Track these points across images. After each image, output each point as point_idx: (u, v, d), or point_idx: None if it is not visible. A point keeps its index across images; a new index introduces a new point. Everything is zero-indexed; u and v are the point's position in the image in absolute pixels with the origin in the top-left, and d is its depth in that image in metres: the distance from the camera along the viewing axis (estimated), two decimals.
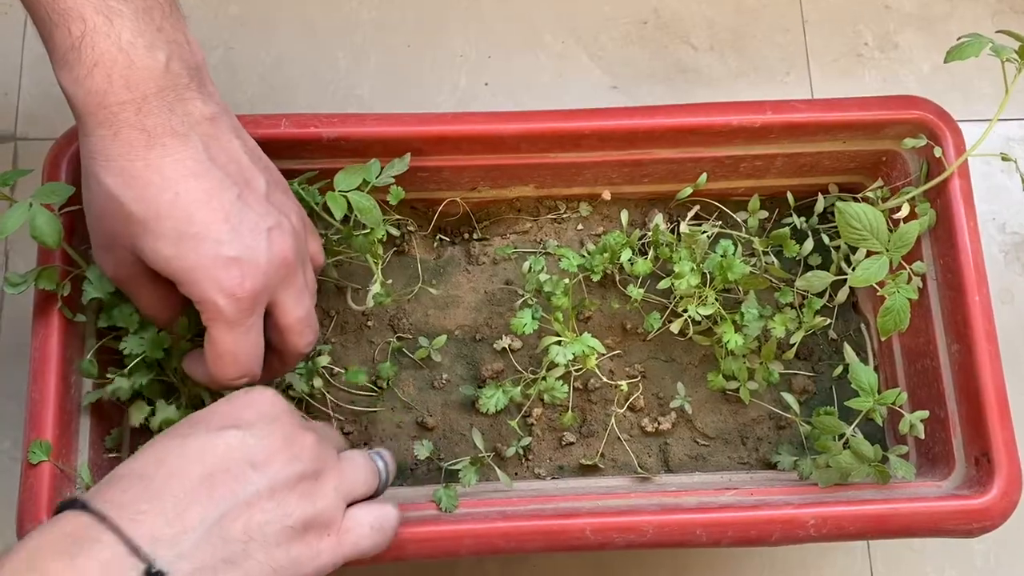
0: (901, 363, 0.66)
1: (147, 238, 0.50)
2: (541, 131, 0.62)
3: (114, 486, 0.45)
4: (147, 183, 0.49)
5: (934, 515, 0.57)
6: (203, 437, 0.47)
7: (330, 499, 0.49)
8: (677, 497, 0.60)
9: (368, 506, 0.52)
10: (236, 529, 0.45)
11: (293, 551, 0.47)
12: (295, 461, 0.48)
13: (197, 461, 0.46)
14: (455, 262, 0.69)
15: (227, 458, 0.46)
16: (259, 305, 0.52)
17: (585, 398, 0.67)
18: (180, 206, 0.50)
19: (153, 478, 0.45)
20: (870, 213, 0.55)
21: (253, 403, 0.50)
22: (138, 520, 0.43)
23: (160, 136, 0.49)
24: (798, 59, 0.86)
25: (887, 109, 0.63)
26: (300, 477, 0.48)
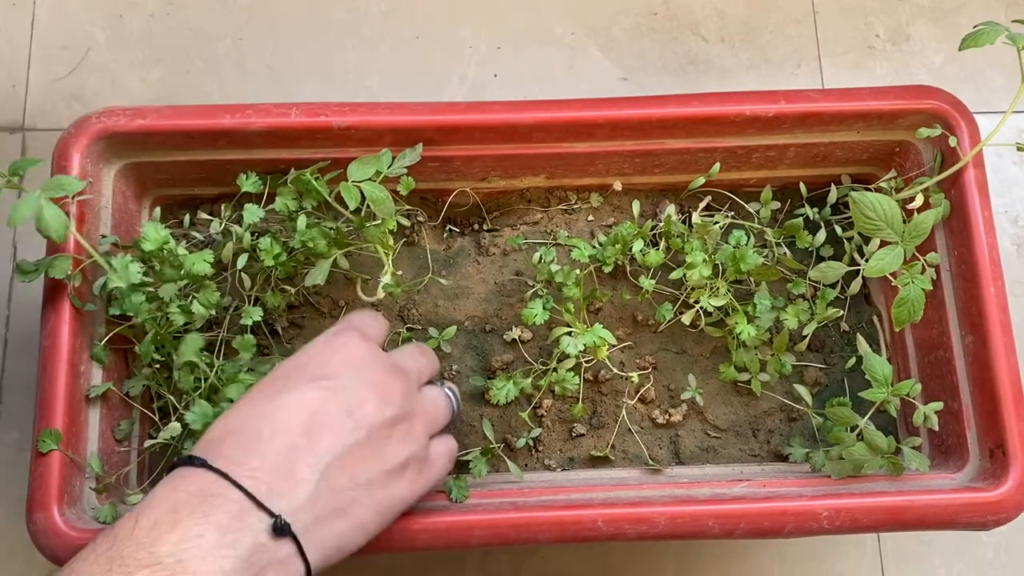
0: (914, 355, 0.66)
1: None
2: (554, 120, 0.61)
3: (225, 443, 0.47)
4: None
5: (948, 507, 0.56)
6: (297, 391, 0.49)
7: (420, 439, 0.53)
8: (689, 489, 0.60)
9: (442, 439, 0.57)
10: (343, 479, 0.48)
11: (394, 490, 0.51)
12: (387, 406, 0.51)
13: (296, 415, 0.48)
14: (465, 253, 0.69)
15: (323, 410, 0.48)
16: None
17: (596, 389, 0.66)
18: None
19: (260, 435, 0.47)
20: (885, 202, 0.55)
21: (339, 350, 0.52)
22: (256, 476, 0.46)
23: None
24: (809, 51, 0.86)
25: (902, 99, 0.62)
26: (393, 421, 0.51)
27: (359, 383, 0.50)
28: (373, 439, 0.50)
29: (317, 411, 0.48)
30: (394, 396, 0.51)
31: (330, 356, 0.52)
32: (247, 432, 0.47)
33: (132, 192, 0.64)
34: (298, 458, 0.47)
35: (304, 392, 0.49)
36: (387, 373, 0.52)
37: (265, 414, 0.48)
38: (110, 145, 0.60)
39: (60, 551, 0.54)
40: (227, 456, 0.47)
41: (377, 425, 0.50)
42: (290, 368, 0.51)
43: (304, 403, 0.49)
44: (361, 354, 0.52)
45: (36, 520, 0.54)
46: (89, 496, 0.57)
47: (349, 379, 0.50)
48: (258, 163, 0.62)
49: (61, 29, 0.82)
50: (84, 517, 0.56)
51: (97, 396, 0.58)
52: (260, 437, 0.47)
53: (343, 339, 0.53)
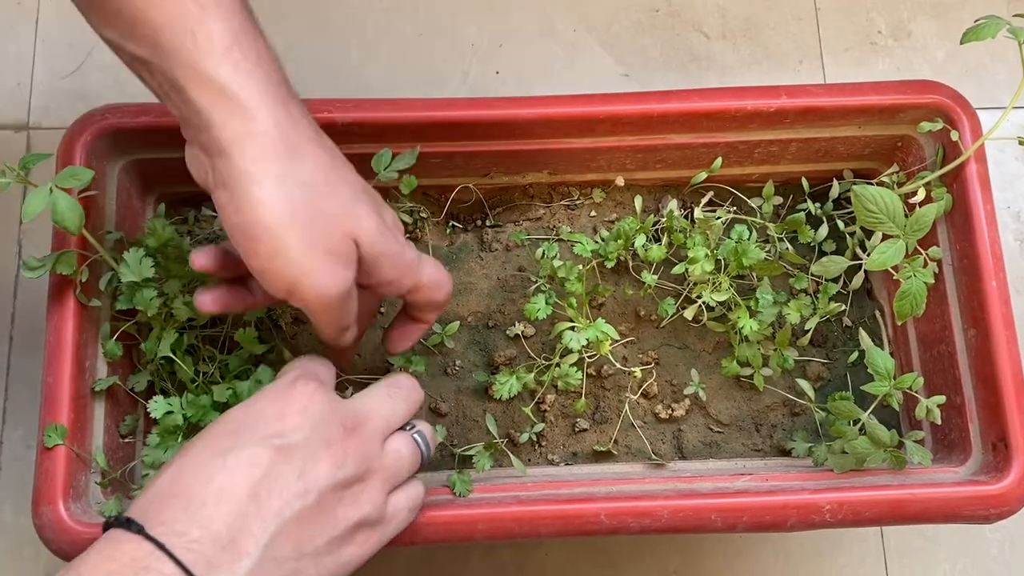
0: (916, 349, 0.66)
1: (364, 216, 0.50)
2: (556, 116, 0.61)
3: (167, 506, 0.44)
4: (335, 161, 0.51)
5: (951, 501, 0.56)
6: (247, 449, 0.46)
7: (376, 498, 0.50)
8: (692, 482, 0.60)
9: (404, 490, 0.53)
10: (287, 548, 0.45)
11: (342, 555, 0.48)
12: (340, 467, 0.48)
13: (244, 477, 0.45)
14: (468, 249, 0.69)
15: (273, 472, 0.46)
16: None
17: (598, 384, 0.66)
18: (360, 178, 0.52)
19: (204, 500, 0.44)
20: (887, 196, 0.55)
21: (293, 401, 0.49)
22: (195, 549, 0.43)
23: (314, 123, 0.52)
24: (811, 48, 0.86)
25: (903, 93, 0.62)
26: (346, 483, 0.48)
27: (313, 442, 0.47)
28: (323, 503, 0.47)
29: (266, 473, 0.45)
30: (349, 456, 0.48)
31: (283, 409, 0.48)
32: (191, 495, 0.44)
33: (136, 189, 0.64)
34: (243, 527, 0.44)
35: (254, 451, 0.46)
36: (344, 430, 0.49)
37: (212, 476, 0.45)
38: (114, 142, 0.61)
39: (66, 545, 0.54)
40: (167, 523, 0.43)
41: (328, 488, 0.47)
42: (241, 421, 0.48)
43: (253, 464, 0.45)
44: (318, 408, 0.49)
45: (42, 514, 0.54)
46: (95, 490, 0.58)
47: (302, 437, 0.47)
48: None
49: (66, 27, 0.83)
50: (90, 511, 0.56)
51: (102, 391, 0.59)
52: (204, 502, 0.44)
53: (299, 390, 0.49)
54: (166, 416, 0.57)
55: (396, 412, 0.53)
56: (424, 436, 0.55)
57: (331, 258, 0.48)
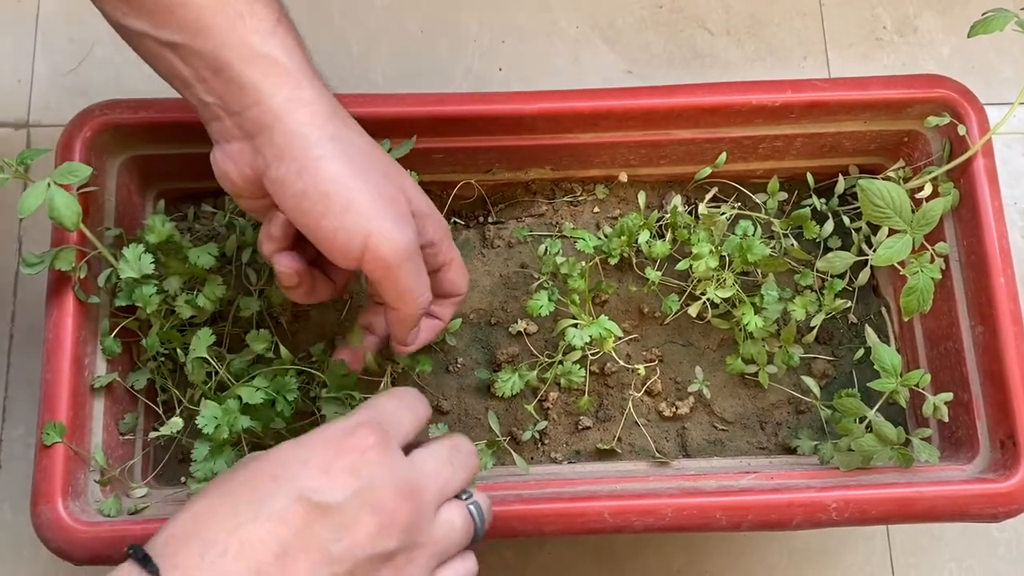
0: (923, 346, 0.65)
1: (407, 178, 0.52)
2: (559, 111, 0.61)
3: (186, 548, 0.41)
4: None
5: (959, 499, 0.56)
6: (283, 500, 0.41)
7: (420, 572, 0.45)
8: (696, 481, 0.59)
9: (455, 564, 0.47)
10: None
11: None
12: (385, 537, 0.43)
13: (271, 534, 0.41)
14: (470, 245, 0.68)
15: (307, 531, 0.41)
16: None
17: (602, 382, 0.66)
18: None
19: (227, 550, 0.40)
20: (893, 190, 0.54)
21: (347, 453, 0.44)
22: None
23: None
24: (815, 44, 0.85)
25: (910, 88, 0.62)
26: (388, 556, 0.43)
27: (357, 505, 0.42)
28: (356, 574, 0.42)
29: (299, 531, 0.41)
30: (398, 525, 0.43)
31: (332, 461, 0.43)
32: (214, 541, 0.40)
33: (136, 185, 0.64)
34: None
35: (291, 504, 0.41)
36: (397, 495, 0.44)
37: (239, 524, 0.41)
38: (113, 138, 0.60)
39: (64, 544, 0.54)
40: (181, 568, 0.40)
41: (365, 559, 0.42)
42: (285, 463, 0.43)
43: (285, 519, 0.41)
44: (371, 465, 0.43)
45: (40, 513, 0.54)
46: (93, 489, 0.57)
47: (345, 497, 0.42)
48: None
49: (66, 23, 0.82)
50: (88, 510, 0.56)
51: (101, 388, 0.58)
52: (225, 552, 0.40)
53: (357, 439, 0.44)
54: (217, 430, 0.54)
55: (454, 480, 0.48)
56: (480, 508, 0.49)
57: (397, 210, 0.49)
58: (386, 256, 0.48)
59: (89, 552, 0.54)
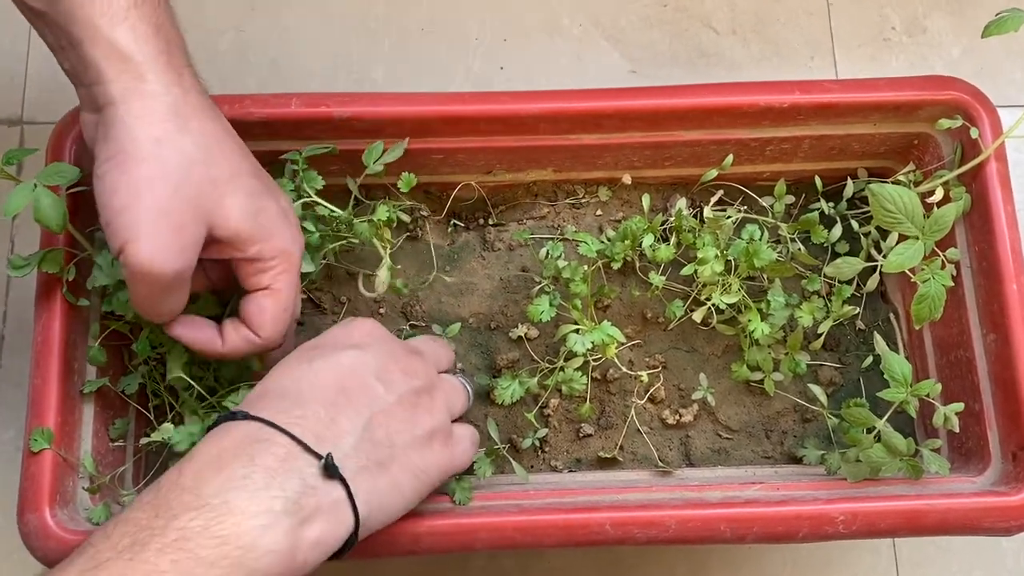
0: (933, 355, 0.64)
1: (233, 197, 0.50)
2: (561, 111, 0.60)
3: (264, 400, 0.48)
4: (225, 138, 0.51)
5: (970, 512, 0.55)
6: (328, 356, 0.50)
7: (443, 413, 0.54)
8: (700, 491, 0.58)
9: (462, 423, 0.57)
10: (380, 434, 0.49)
11: (426, 457, 0.51)
12: (411, 377, 0.52)
13: (332, 376, 0.49)
14: (470, 248, 0.67)
15: (355, 372, 0.50)
16: None
17: (604, 389, 0.65)
18: (252, 160, 0.53)
19: (300, 392, 0.48)
20: (905, 195, 0.53)
21: (360, 327, 0.54)
22: (300, 424, 0.46)
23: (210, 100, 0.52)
24: (823, 44, 0.84)
25: (921, 89, 0.61)
26: (418, 392, 0.52)
27: (384, 354, 0.52)
28: (403, 404, 0.51)
29: (351, 373, 0.50)
30: (416, 370, 0.53)
31: (353, 331, 0.53)
32: (287, 390, 0.49)
33: None
34: (340, 411, 0.48)
35: (337, 357, 0.50)
36: (406, 350, 0.54)
37: (302, 376, 0.49)
38: None
39: (51, 553, 0.52)
40: (270, 409, 0.47)
41: (404, 392, 0.51)
42: (320, 341, 0.53)
43: (339, 366, 0.50)
44: (379, 331, 0.54)
45: (27, 521, 0.53)
46: (82, 496, 0.56)
47: (375, 350, 0.52)
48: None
49: None
50: (77, 518, 0.55)
51: (91, 393, 0.57)
52: (300, 393, 0.48)
53: (359, 320, 0.55)
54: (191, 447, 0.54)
55: (442, 355, 0.58)
56: (466, 379, 0.60)
57: (174, 236, 0.48)
58: (132, 268, 0.48)
59: None
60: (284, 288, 0.53)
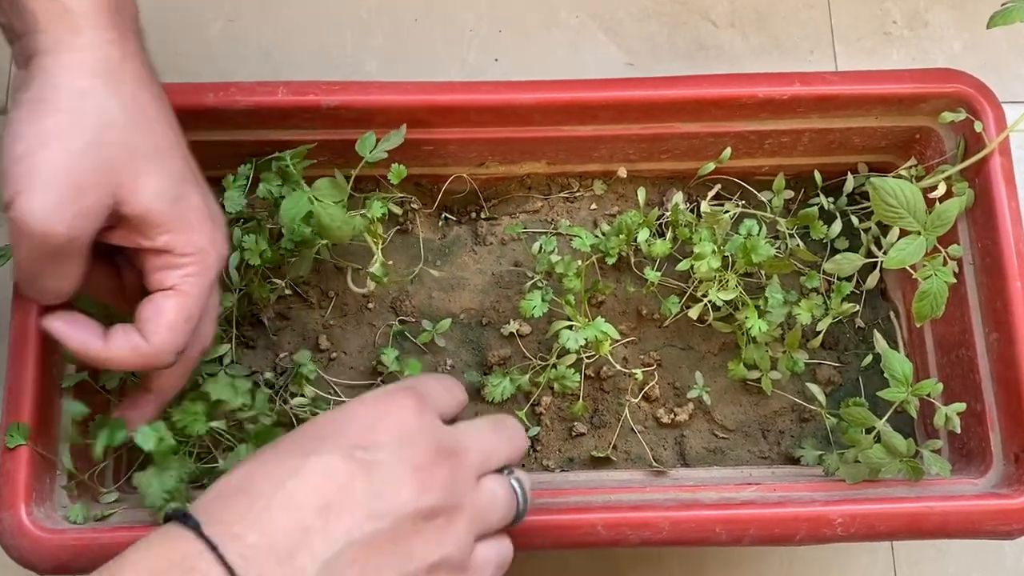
0: (934, 353, 0.63)
1: (151, 176, 0.45)
2: (556, 101, 0.59)
3: (232, 503, 0.41)
4: (158, 114, 0.47)
5: (972, 515, 0.54)
6: (326, 456, 0.42)
7: (460, 541, 0.44)
8: (695, 492, 0.57)
9: (493, 542, 0.47)
10: (352, 573, 0.40)
11: None
12: (425, 494, 0.43)
13: (317, 487, 0.41)
14: (461, 242, 0.66)
15: (348, 486, 0.41)
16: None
17: (597, 387, 0.64)
18: (184, 147, 0.48)
19: (270, 503, 0.40)
20: (907, 189, 0.52)
21: (386, 416, 0.44)
22: (248, 556, 0.39)
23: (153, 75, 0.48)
24: (823, 37, 0.83)
25: (924, 82, 0.60)
26: (429, 514, 0.43)
27: (398, 461, 0.43)
28: (398, 532, 0.42)
29: (341, 486, 0.41)
30: (436, 483, 0.43)
31: (375, 422, 0.44)
32: (258, 495, 0.41)
33: None
34: (304, 541, 0.40)
35: (333, 460, 0.42)
36: (436, 454, 0.44)
37: (284, 479, 0.41)
38: None
39: (27, 552, 0.51)
40: (226, 522, 0.40)
41: (407, 516, 0.42)
42: (328, 425, 0.44)
43: (330, 473, 0.41)
44: (411, 426, 0.44)
45: (2, 519, 0.51)
46: (60, 494, 0.54)
47: (388, 454, 0.43)
48: (243, 144, 0.59)
49: None
50: (54, 516, 0.53)
51: (71, 388, 0.55)
52: (270, 506, 0.40)
53: (396, 403, 0.45)
54: (160, 444, 0.52)
55: (497, 452, 0.48)
56: (523, 486, 0.48)
57: (72, 197, 0.44)
58: (18, 224, 0.44)
59: (54, 561, 0.51)
60: (191, 292, 0.47)
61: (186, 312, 0.47)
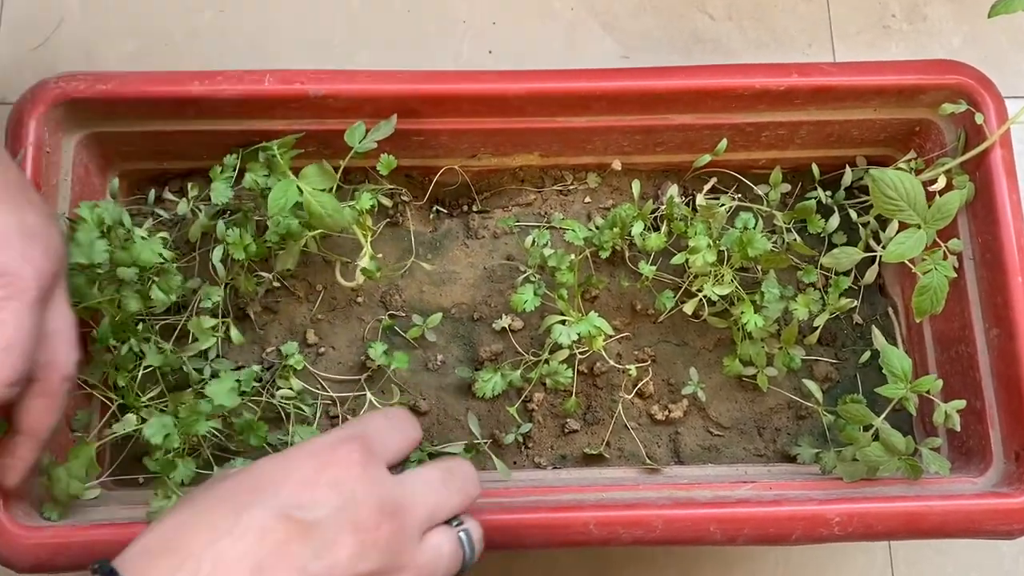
0: (932, 350, 0.62)
1: None
2: (549, 92, 0.58)
3: (155, 563, 0.39)
4: None
5: (971, 514, 0.53)
6: (260, 515, 0.40)
7: None
8: (689, 490, 0.56)
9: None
10: None
11: None
12: (365, 557, 0.41)
13: (249, 549, 0.39)
14: (452, 235, 0.64)
15: (284, 550, 0.40)
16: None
17: (590, 383, 0.62)
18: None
19: (199, 564, 0.38)
20: (907, 181, 0.51)
21: (329, 468, 0.42)
22: None
23: None
24: (821, 30, 0.82)
25: (924, 73, 0.59)
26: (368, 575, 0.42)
27: (339, 522, 0.41)
28: None
29: (277, 548, 0.39)
30: (379, 545, 0.42)
31: (316, 475, 0.42)
32: (188, 555, 0.39)
33: (95, 165, 0.60)
34: None
35: (270, 519, 0.40)
36: (380, 513, 0.42)
37: (216, 538, 0.39)
38: (69, 112, 0.56)
39: (4, 549, 0.50)
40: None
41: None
42: (266, 476, 0.42)
43: (264, 535, 0.40)
44: (354, 482, 0.42)
45: None
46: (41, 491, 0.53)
47: (327, 513, 0.41)
48: (230, 135, 0.58)
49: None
50: (34, 514, 0.52)
51: None
52: (200, 569, 0.38)
53: (341, 455, 0.43)
54: (167, 439, 0.51)
55: (446, 505, 0.46)
56: (471, 537, 0.47)
57: None
58: None
59: (33, 559, 0.50)
60: (4, 320, 0.44)
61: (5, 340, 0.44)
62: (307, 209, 0.53)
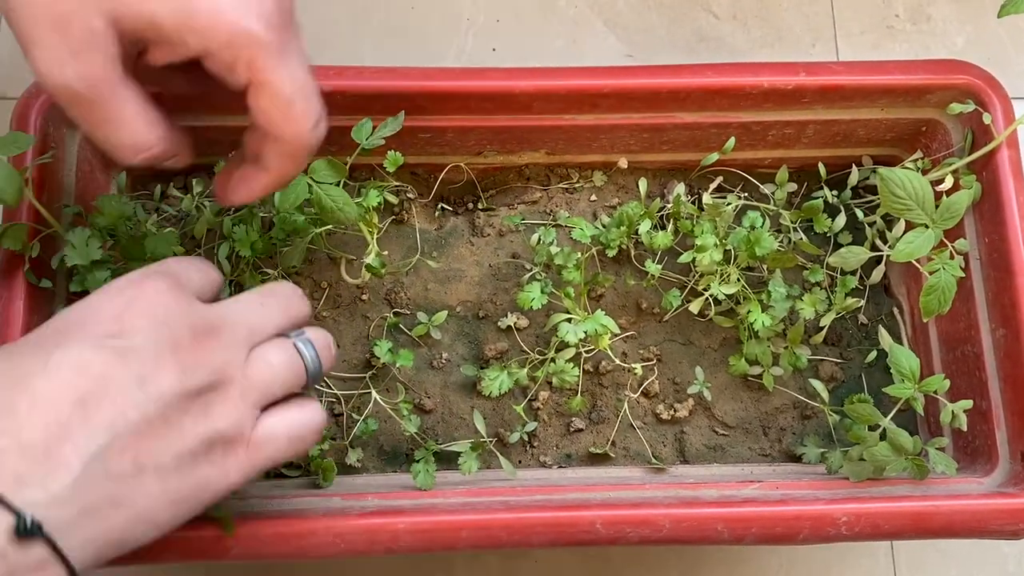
0: (938, 350, 0.62)
1: None
2: (556, 89, 0.57)
3: None
4: None
5: (978, 514, 0.52)
6: (75, 350, 0.39)
7: (234, 412, 0.42)
8: (695, 490, 0.56)
9: (284, 411, 0.45)
10: (122, 462, 0.38)
11: (194, 475, 0.41)
12: (189, 373, 0.41)
13: (68, 383, 0.38)
14: (458, 233, 0.64)
15: (106, 376, 0.39)
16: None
17: (596, 382, 0.62)
18: None
19: (15, 407, 0.37)
20: (916, 180, 0.51)
21: (136, 300, 0.41)
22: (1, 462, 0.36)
23: None
24: (825, 30, 0.82)
25: (931, 73, 0.58)
26: (197, 391, 0.41)
27: (156, 344, 0.40)
28: (167, 415, 0.40)
29: (98, 377, 0.39)
30: (199, 362, 0.41)
31: (124, 307, 0.41)
32: (5, 403, 0.38)
33: (99, 160, 0.59)
34: (63, 436, 0.37)
35: (83, 352, 0.39)
36: (196, 332, 0.42)
37: (25, 378, 0.38)
38: None
39: None
40: None
41: (173, 398, 0.40)
42: (71, 318, 0.41)
43: (82, 366, 0.39)
44: (165, 307, 0.42)
45: None
46: None
47: (144, 339, 0.40)
48: (236, 131, 0.57)
49: None
50: None
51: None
52: (15, 409, 0.37)
53: (148, 287, 0.42)
54: None
55: (268, 320, 0.45)
56: (311, 345, 0.46)
57: (60, 36, 0.39)
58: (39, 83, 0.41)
59: None
60: (272, 78, 0.42)
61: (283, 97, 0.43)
62: (317, 203, 0.53)
